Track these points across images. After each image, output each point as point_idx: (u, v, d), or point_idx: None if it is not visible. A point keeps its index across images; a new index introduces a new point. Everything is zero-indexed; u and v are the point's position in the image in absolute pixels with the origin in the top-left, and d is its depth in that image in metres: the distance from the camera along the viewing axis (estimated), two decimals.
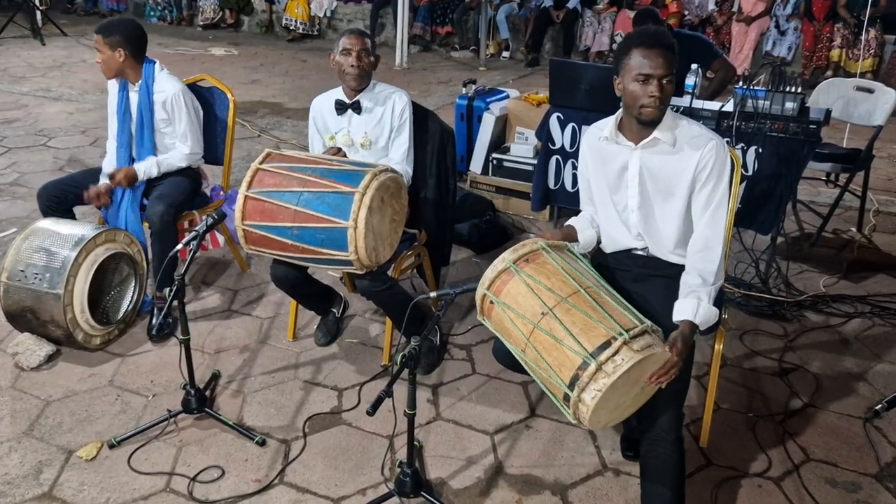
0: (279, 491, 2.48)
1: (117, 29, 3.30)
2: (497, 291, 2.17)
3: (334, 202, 2.63)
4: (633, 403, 2.11)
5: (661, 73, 2.18)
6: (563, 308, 2.04)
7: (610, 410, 2.03)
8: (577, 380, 1.94)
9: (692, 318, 2.15)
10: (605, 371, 1.91)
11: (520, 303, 2.11)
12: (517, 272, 2.14)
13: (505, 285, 2.16)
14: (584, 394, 1.93)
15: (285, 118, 6.91)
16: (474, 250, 4.25)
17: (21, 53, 9.54)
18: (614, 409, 2.06)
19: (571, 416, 2.01)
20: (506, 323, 2.14)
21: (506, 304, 2.13)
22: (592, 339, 1.96)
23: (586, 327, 1.99)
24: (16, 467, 2.54)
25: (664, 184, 2.34)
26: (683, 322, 2.15)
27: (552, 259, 2.18)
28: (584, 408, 1.94)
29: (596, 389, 1.92)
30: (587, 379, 1.92)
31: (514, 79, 8.67)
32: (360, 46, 2.94)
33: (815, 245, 4.34)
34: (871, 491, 2.53)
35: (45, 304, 2.99)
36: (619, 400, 2.03)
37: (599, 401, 1.92)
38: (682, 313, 2.17)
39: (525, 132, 4.74)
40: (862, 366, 3.23)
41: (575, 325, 2.00)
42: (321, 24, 11.18)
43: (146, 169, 3.35)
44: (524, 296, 2.10)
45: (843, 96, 4.48)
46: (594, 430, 2.02)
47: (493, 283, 2.18)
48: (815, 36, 8.28)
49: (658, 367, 2.03)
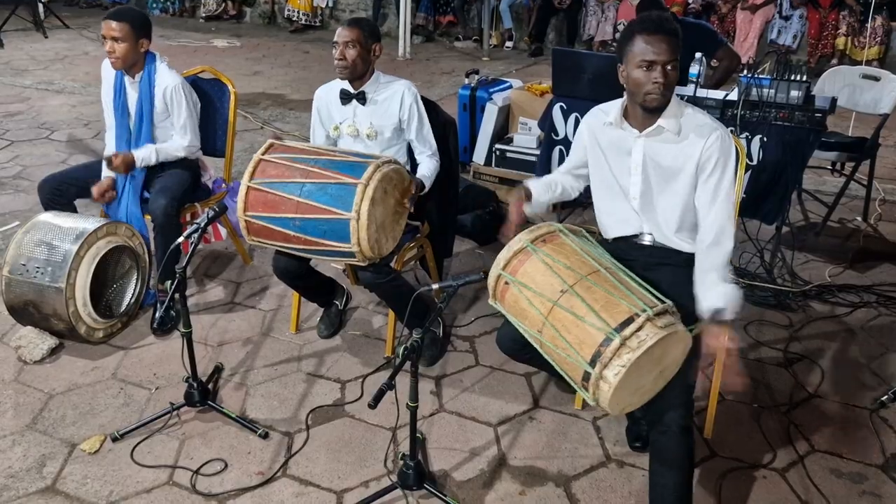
0: (282, 484, 2.48)
1: (138, 17, 3.24)
2: (513, 271, 2.15)
3: (337, 193, 2.62)
4: (651, 388, 2.07)
5: (664, 59, 2.16)
6: (584, 285, 2.02)
7: (630, 393, 2.00)
8: (600, 356, 1.91)
9: (720, 304, 2.15)
10: (630, 346, 1.89)
11: (538, 281, 2.09)
12: (535, 251, 2.13)
13: (522, 265, 2.14)
14: (607, 370, 1.90)
15: (288, 110, 6.89)
16: (477, 242, 4.23)
17: (23, 46, 9.52)
18: (634, 392, 2.02)
19: (591, 397, 1.98)
20: (522, 304, 2.12)
21: (523, 283, 2.11)
22: (615, 316, 1.94)
23: (608, 304, 1.97)
24: (19, 461, 2.54)
25: (668, 171, 2.32)
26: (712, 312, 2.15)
27: (570, 240, 2.18)
28: (606, 386, 1.91)
29: (620, 365, 1.89)
30: (610, 355, 1.90)
31: (518, 69, 8.63)
32: (346, 38, 2.88)
33: (821, 235, 4.31)
34: (876, 482, 2.52)
35: (47, 297, 2.99)
36: (640, 382, 1.99)
37: (623, 378, 1.89)
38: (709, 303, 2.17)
39: (528, 122, 4.71)
40: (867, 356, 3.21)
41: (596, 302, 1.98)
42: (323, 14, 11.13)
43: (145, 156, 3.31)
44: (543, 274, 2.09)
45: (849, 84, 4.44)
46: (612, 413, 2.00)
47: (509, 263, 2.17)
48: (820, 24, 8.22)
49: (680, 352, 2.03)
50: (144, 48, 3.26)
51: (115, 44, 3.18)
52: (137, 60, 3.27)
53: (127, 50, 3.20)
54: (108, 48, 3.20)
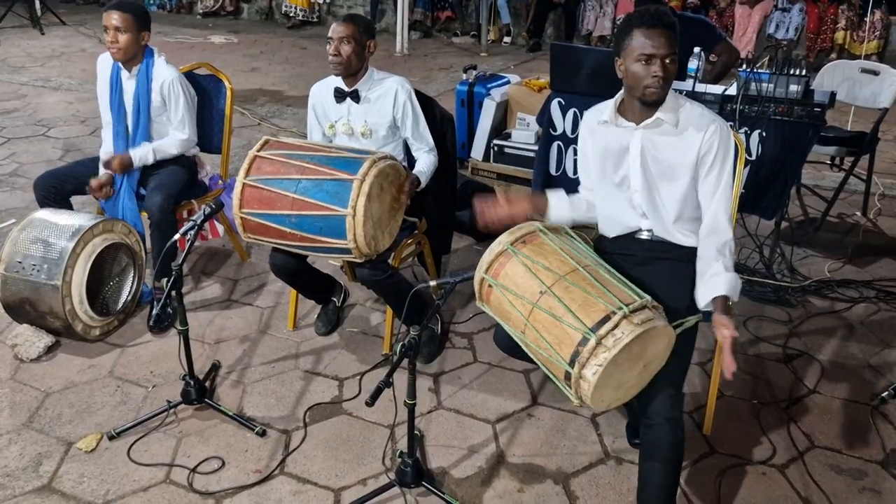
0: (280, 481, 2.47)
1: (140, 9, 3.24)
2: (495, 274, 2.16)
3: (333, 190, 2.60)
4: (637, 383, 2.07)
5: (663, 53, 2.15)
6: (562, 286, 2.03)
7: (613, 389, 2.00)
8: (578, 356, 1.92)
9: (723, 292, 2.14)
10: (605, 345, 1.90)
11: (518, 284, 2.09)
12: (515, 253, 2.13)
13: (503, 268, 2.15)
14: (585, 370, 1.91)
15: (285, 106, 6.87)
16: (475, 238, 4.22)
17: (20, 43, 9.48)
18: (618, 388, 2.02)
19: (574, 395, 1.99)
20: (505, 306, 2.13)
21: (504, 286, 2.12)
22: (592, 315, 1.95)
23: (585, 303, 1.97)
24: (15, 459, 2.53)
25: (666, 164, 2.31)
26: (715, 301, 2.14)
27: (549, 240, 2.17)
28: (586, 385, 1.92)
29: (597, 365, 1.90)
30: (587, 354, 1.90)
31: (516, 64, 8.60)
32: (340, 34, 2.86)
33: (820, 230, 4.30)
34: (876, 478, 2.51)
35: (43, 295, 2.97)
36: (623, 378, 1.99)
37: (601, 377, 1.89)
38: (711, 293, 2.15)
39: (526, 118, 4.69)
40: (867, 351, 3.20)
41: (574, 302, 1.98)
42: (321, 10, 11.09)
43: (142, 155, 3.30)
44: (522, 276, 2.09)
45: (849, 79, 4.42)
46: (597, 409, 2.00)
47: (491, 266, 2.18)
48: (819, 18, 8.19)
49: (663, 346, 2.01)
50: (145, 41, 3.26)
51: (117, 34, 3.16)
52: (137, 53, 3.26)
53: (129, 41, 3.18)
54: (111, 38, 3.17)
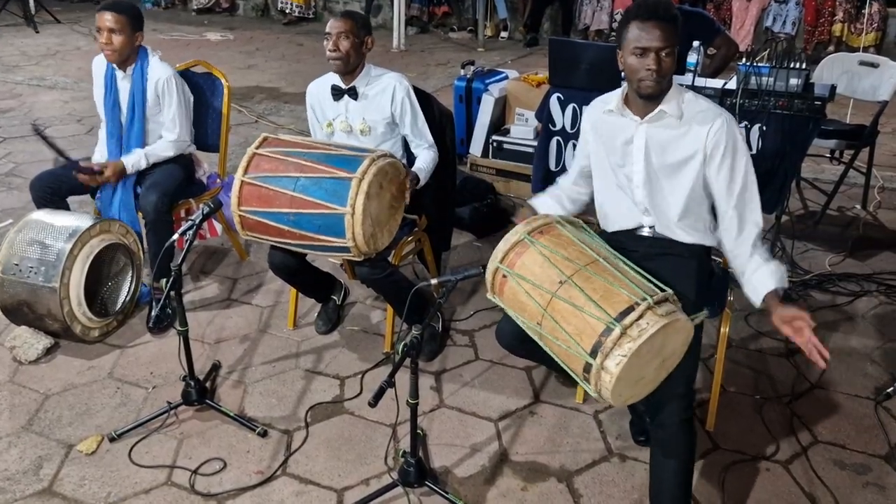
0: (282, 482, 2.46)
1: (134, 9, 3.21)
2: (511, 264, 2.13)
3: (331, 188, 2.59)
4: (653, 378, 2.04)
5: (658, 46, 2.13)
6: (583, 276, 2.00)
7: (632, 384, 1.98)
8: (601, 346, 1.89)
9: (772, 287, 2.14)
10: (630, 335, 1.86)
11: (536, 273, 2.07)
12: (532, 243, 2.11)
13: (519, 257, 2.12)
14: (608, 360, 1.88)
15: (283, 103, 6.84)
16: (475, 234, 4.20)
17: (14, 42, 9.43)
18: (636, 383, 2.00)
19: (593, 388, 1.96)
20: (520, 296, 2.10)
21: (521, 275, 2.09)
22: (615, 305, 1.92)
23: (607, 294, 1.95)
24: (15, 462, 2.52)
25: (671, 158, 2.29)
26: (768, 296, 2.14)
27: (567, 231, 2.16)
28: (608, 376, 1.89)
29: (620, 355, 1.86)
30: (611, 344, 1.87)
31: (513, 59, 8.58)
32: (338, 30, 2.83)
33: (820, 223, 4.29)
34: (880, 473, 2.50)
35: (40, 297, 2.95)
36: (641, 372, 1.97)
37: (624, 368, 1.86)
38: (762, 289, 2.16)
39: (525, 113, 4.67)
40: (869, 345, 3.20)
41: (596, 292, 1.95)
42: (317, 6, 11.05)
43: (134, 162, 3.27)
44: (541, 266, 2.07)
45: (848, 71, 4.41)
46: (615, 404, 1.97)
47: (507, 255, 2.15)
48: (816, 10, 8.16)
49: (681, 342, 2.00)
50: (139, 41, 3.24)
51: (112, 35, 3.13)
52: (131, 54, 3.23)
53: (123, 42, 3.16)
54: (104, 40, 3.14)
